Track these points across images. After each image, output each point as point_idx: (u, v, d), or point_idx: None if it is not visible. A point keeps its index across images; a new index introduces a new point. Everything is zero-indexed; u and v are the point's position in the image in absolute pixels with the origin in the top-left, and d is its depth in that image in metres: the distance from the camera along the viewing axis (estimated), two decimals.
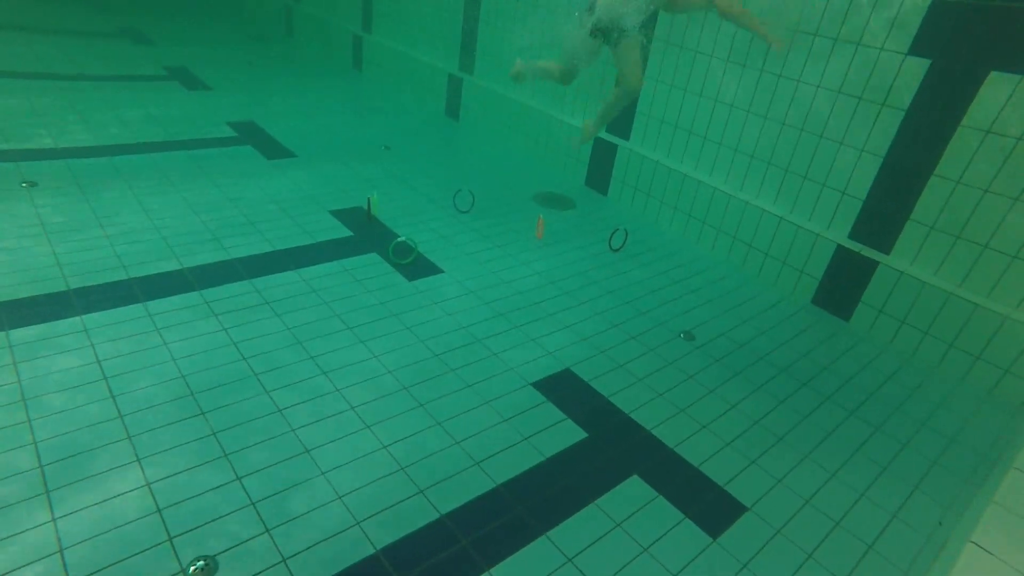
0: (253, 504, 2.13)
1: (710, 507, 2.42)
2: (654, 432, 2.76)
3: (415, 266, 3.76)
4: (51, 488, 2.08)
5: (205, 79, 6.80)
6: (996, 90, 3.12)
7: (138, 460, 2.22)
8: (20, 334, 2.73)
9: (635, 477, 2.50)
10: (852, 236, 3.84)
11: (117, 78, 6.37)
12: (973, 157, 3.25)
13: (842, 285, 3.87)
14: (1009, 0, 3.01)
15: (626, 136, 5.07)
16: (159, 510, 2.05)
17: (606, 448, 2.63)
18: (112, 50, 7.34)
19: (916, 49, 3.34)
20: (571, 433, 2.68)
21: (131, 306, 3.02)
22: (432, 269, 3.77)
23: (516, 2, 5.61)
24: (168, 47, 7.85)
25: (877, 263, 3.68)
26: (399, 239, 3.91)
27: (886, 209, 3.65)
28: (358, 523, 2.12)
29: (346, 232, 4.05)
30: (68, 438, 2.27)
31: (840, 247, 3.83)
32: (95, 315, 2.92)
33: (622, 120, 5.05)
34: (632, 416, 2.83)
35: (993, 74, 3.12)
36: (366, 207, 4.29)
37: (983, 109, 3.18)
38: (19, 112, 5.09)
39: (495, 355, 3.09)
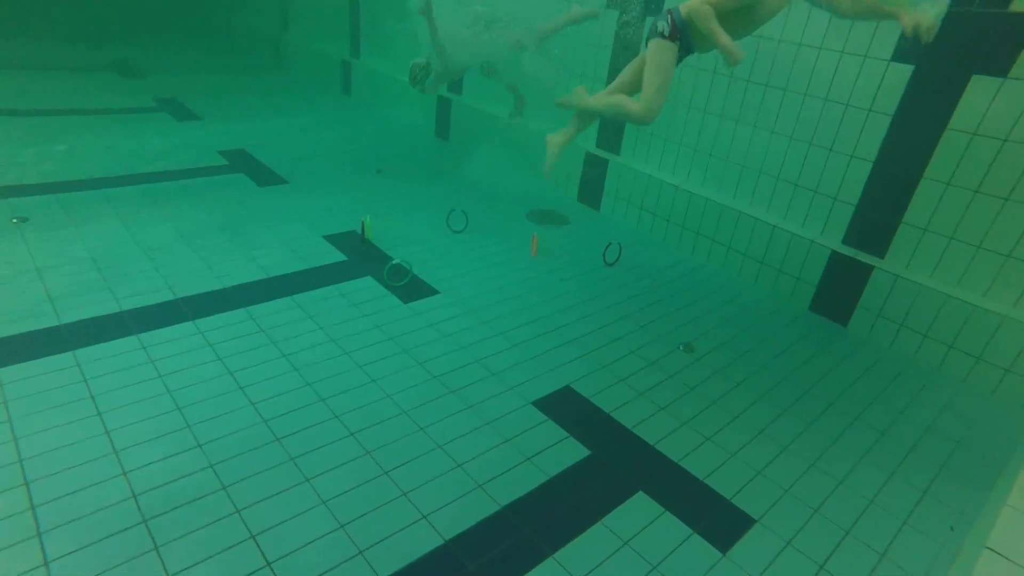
0: (253, 537, 2.08)
1: (718, 521, 2.39)
2: (658, 447, 2.72)
3: (411, 288, 3.74)
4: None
5: (195, 109, 6.83)
6: (979, 93, 3.15)
7: (131, 486, 2.18)
8: (10, 372, 2.69)
9: (641, 493, 2.47)
10: (846, 241, 3.84)
11: (107, 111, 6.38)
12: (962, 159, 3.27)
13: (839, 291, 3.87)
14: (986, 7, 3.06)
15: (616, 151, 5.09)
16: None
17: (610, 465, 2.59)
18: (102, 84, 7.37)
19: (899, 55, 3.38)
20: (574, 451, 2.64)
21: (125, 338, 2.99)
22: (428, 290, 3.75)
23: None
24: (159, 78, 7.89)
25: (872, 267, 3.68)
26: (393, 261, 3.90)
27: (878, 213, 3.66)
28: (361, 552, 2.08)
29: (340, 256, 4.03)
30: (64, 476, 2.22)
31: (835, 253, 3.83)
32: (88, 349, 2.88)
33: (612, 135, 5.08)
34: (635, 431, 2.80)
35: (975, 77, 3.16)
36: (360, 231, 4.29)
37: (968, 112, 3.21)
38: (8, 147, 5.08)
39: (494, 375, 3.06)
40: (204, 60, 9.32)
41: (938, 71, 3.27)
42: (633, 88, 3.25)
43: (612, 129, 5.06)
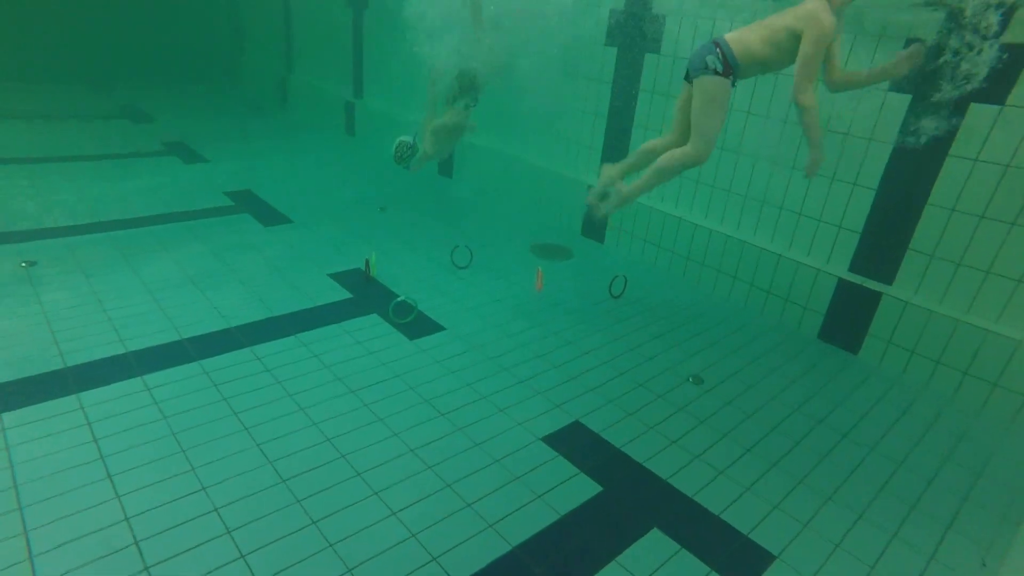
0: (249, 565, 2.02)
1: (736, 558, 2.31)
2: (671, 481, 2.66)
3: (416, 325, 3.72)
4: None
5: (202, 152, 6.94)
6: (978, 121, 3.18)
7: (131, 528, 2.13)
8: (13, 416, 2.66)
9: (655, 530, 2.40)
10: (852, 269, 3.83)
11: (116, 156, 6.49)
12: (965, 185, 3.28)
13: (848, 318, 3.84)
14: (981, 39, 3.10)
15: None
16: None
17: (623, 501, 2.53)
18: (112, 130, 7.51)
19: (896, 85, 3.42)
20: (585, 488, 2.58)
21: (129, 380, 2.97)
22: (434, 327, 3.73)
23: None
24: (167, 122, 8.05)
25: (880, 294, 3.65)
26: (398, 299, 3.89)
27: (884, 240, 3.65)
28: None
29: (345, 294, 4.03)
30: (65, 523, 2.18)
31: (842, 280, 3.81)
32: (92, 392, 2.86)
33: None
34: (647, 466, 2.74)
35: (973, 106, 3.18)
36: (364, 268, 4.30)
37: (969, 139, 3.23)
38: (17, 193, 5.15)
39: (502, 411, 3.02)
40: (210, 102, 9.52)
41: (935, 100, 3.30)
42: (682, 133, 3.14)
43: (614, 161, 5.09)
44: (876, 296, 3.67)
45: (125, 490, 2.33)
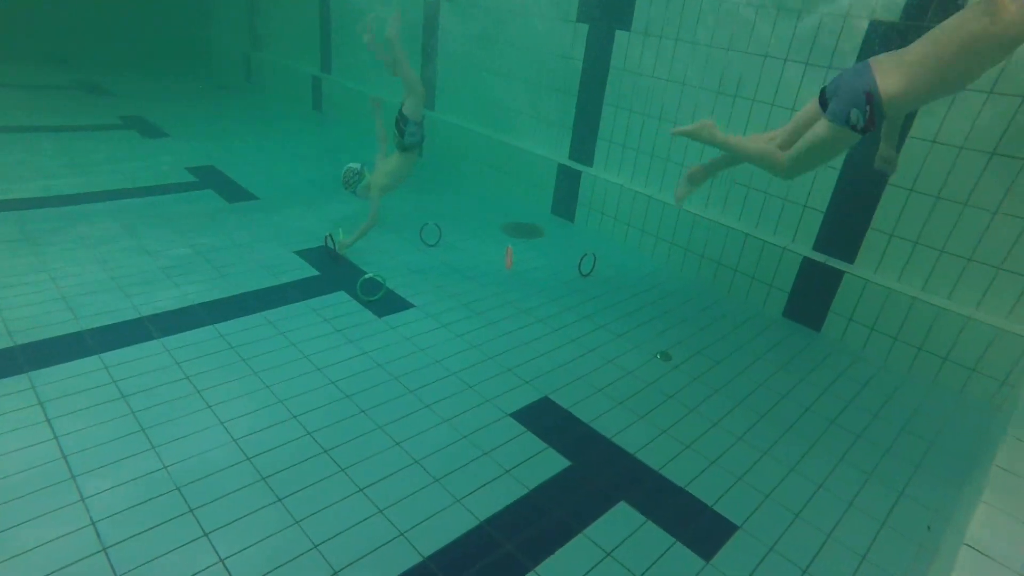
0: (222, 561, 1.99)
1: (701, 529, 2.36)
2: (638, 456, 2.70)
3: (385, 302, 3.68)
4: None
5: (162, 126, 6.70)
6: (936, 104, 3.24)
7: (93, 524, 2.07)
8: None
9: (622, 503, 2.43)
10: (816, 248, 3.91)
11: (72, 128, 6.23)
12: (923, 166, 3.36)
13: (811, 296, 3.93)
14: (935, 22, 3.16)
15: (589, 163, 5.12)
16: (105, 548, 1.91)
17: (591, 475, 2.56)
18: (67, 101, 7.20)
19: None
20: (554, 462, 2.60)
21: (85, 359, 2.87)
22: (402, 304, 3.69)
23: (470, 40, 5.70)
24: (126, 99, 7.73)
25: (843, 273, 3.74)
26: (366, 276, 3.84)
27: (846, 219, 3.73)
28: (336, 573, 2.00)
29: (312, 271, 3.96)
30: (17, 503, 2.11)
31: (806, 259, 3.89)
32: (44, 371, 2.76)
33: (585, 147, 5.11)
34: (615, 441, 2.77)
35: None
36: (328, 243, 4.22)
37: (926, 121, 3.30)
38: None
39: (471, 387, 3.01)
40: (174, 79, 9.17)
41: None
42: (789, 136, 2.80)
43: (584, 140, 5.10)
44: (839, 274, 3.76)
45: (82, 470, 2.27)
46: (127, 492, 2.21)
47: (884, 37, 3.33)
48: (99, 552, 1.98)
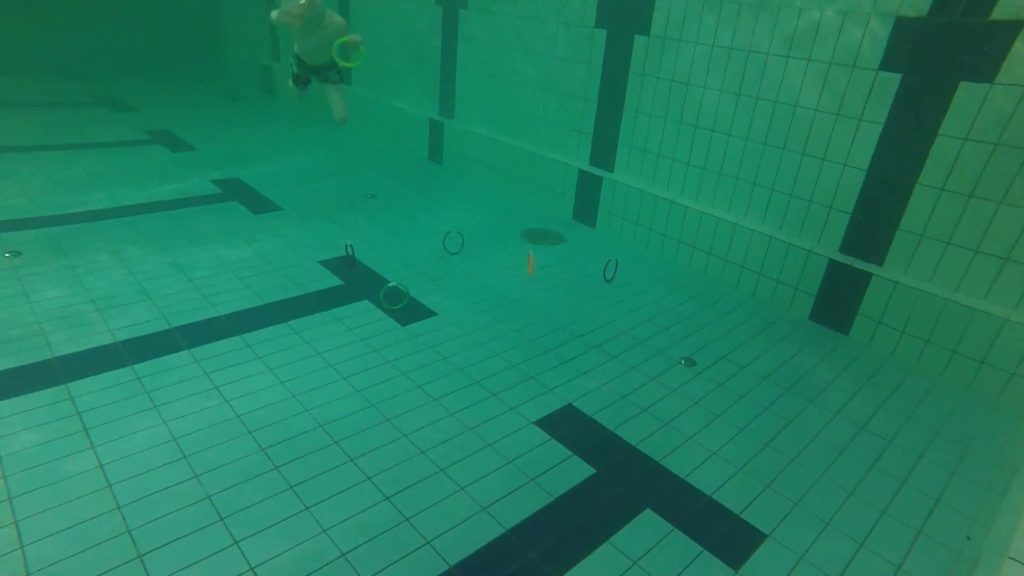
0: (252, 569, 2.02)
1: (728, 537, 2.33)
2: (663, 463, 2.68)
3: (408, 311, 3.71)
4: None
5: (188, 139, 6.85)
6: (968, 99, 3.17)
7: (128, 531, 2.12)
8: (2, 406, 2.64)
9: (648, 511, 2.41)
10: (843, 250, 3.84)
11: (100, 145, 6.40)
12: (955, 164, 3.28)
13: (838, 299, 3.86)
14: (965, 17, 3.09)
15: (610, 168, 5.11)
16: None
17: (616, 483, 2.54)
18: (94, 119, 7.40)
19: (886, 65, 3.41)
20: (579, 470, 2.59)
21: (120, 369, 2.94)
22: (425, 313, 3.72)
23: (489, 48, 5.73)
24: (150, 111, 7.93)
25: (871, 275, 3.67)
26: (389, 284, 3.87)
27: (874, 221, 3.66)
28: None
29: (336, 281, 4.01)
30: (57, 509, 2.16)
31: (832, 261, 3.82)
32: (81, 382, 2.83)
33: (606, 152, 5.10)
34: (640, 448, 2.75)
35: (963, 84, 3.18)
36: (347, 253, 4.27)
37: (958, 118, 3.22)
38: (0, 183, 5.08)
39: (494, 395, 3.02)
40: (195, 92, 9.38)
41: (925, 79, 3.29)
42: None
43: (605, 146, 5.08)
44: (867, 276, 3.69)
45: (116, 479, 2.32)
46: (160, 501, 2.25)
47: (909, 34, 3.27)
48: (135, 559, 2.02)
